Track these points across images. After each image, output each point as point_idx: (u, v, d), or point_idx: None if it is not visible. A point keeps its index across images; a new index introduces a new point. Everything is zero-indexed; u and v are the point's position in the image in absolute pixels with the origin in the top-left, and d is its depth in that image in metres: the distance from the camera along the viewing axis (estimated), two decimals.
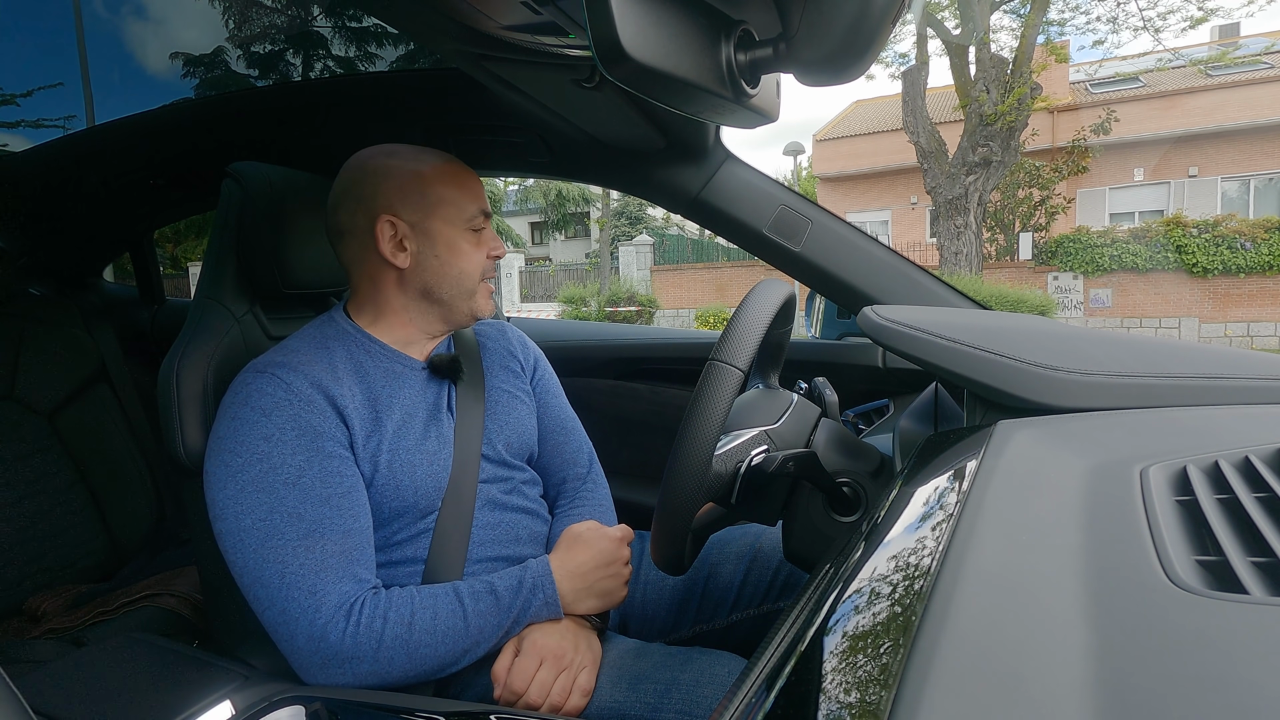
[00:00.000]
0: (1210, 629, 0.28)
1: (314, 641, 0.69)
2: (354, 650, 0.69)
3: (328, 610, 0.69)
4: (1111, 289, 10.48)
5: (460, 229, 0.84)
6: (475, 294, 0.86)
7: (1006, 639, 0.29)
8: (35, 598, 1.31)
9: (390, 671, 0.70)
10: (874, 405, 1.25)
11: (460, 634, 0.72)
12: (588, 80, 0.81)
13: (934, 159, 9.51)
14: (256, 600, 0.71)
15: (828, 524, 0.75)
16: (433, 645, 0.71)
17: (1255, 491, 0.39)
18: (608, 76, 0.46)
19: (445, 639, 0.72)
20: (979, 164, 9.20)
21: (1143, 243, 10.28)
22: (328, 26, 1.38)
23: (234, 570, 0.73)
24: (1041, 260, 10.84)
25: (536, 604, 0.77)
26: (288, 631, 0.69)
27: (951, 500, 0.46)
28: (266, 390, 0.75)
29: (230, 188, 0.92)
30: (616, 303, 12.36)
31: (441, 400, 0.87)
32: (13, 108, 1.50)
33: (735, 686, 0.37)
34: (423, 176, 0.83)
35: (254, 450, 0.73)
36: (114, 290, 1.98)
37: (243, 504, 0.71)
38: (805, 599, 0.44)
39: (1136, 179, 13.06)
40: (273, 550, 0.70)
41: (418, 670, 0.71)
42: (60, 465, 1.45)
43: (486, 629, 0.74)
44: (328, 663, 0.69)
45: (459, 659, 0.73)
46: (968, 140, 9.27)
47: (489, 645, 0.75)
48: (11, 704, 0.34)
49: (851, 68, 0.48)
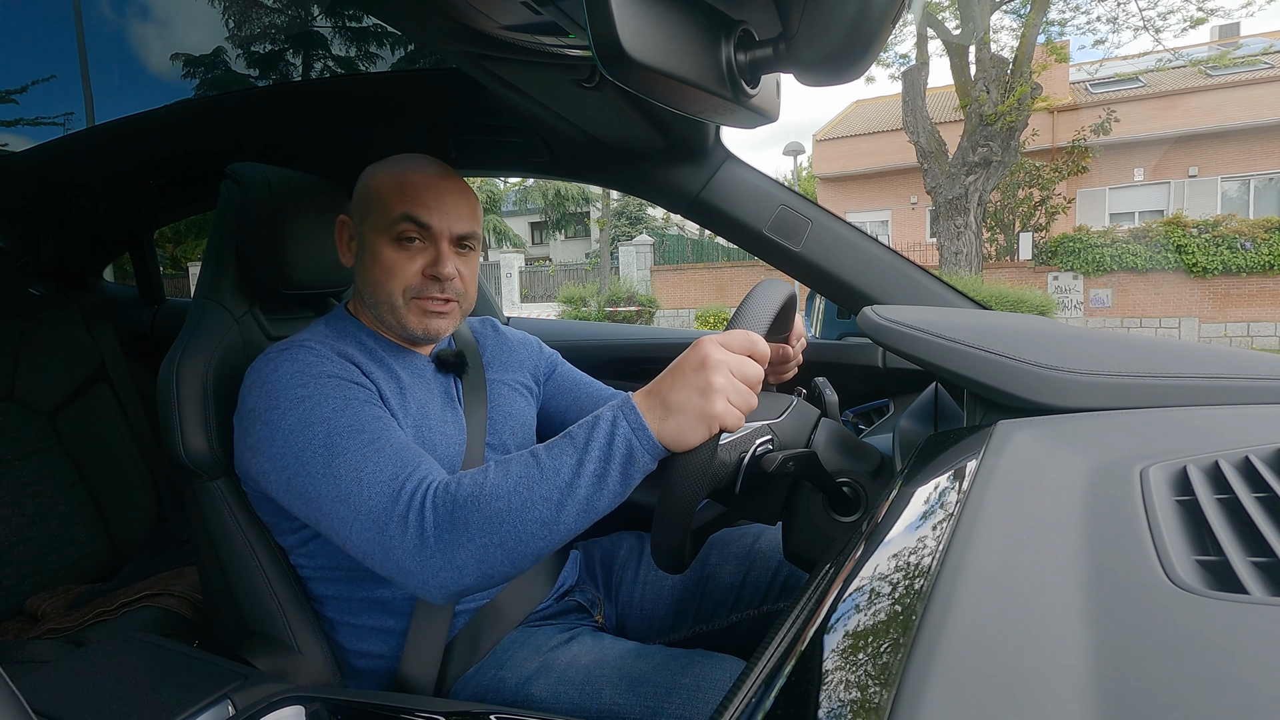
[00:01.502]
0: (1210, 629, 0.28)
1: (406, 525, 0.65)
2: (444, 520, 0.64)
3: (409, 488, 0.67)
4: (1111, 289, 10.49)
5: (383, 237, 0.81)
6: (398, 308, 0.82)
7: (1006, 639, 0.29)
8: (35, 598, 1.31)
9: (487, 540, 0.63)
10: (874, 405, 1.25)
11: (536, 478, 0.64)
12: (588, 80, 0.81)
13: (934, 159, 9.52)
14: (342, 523, 0.67)
15: (828, 524, 0.75)
16: (508, 496, 0.64)
17: (1255, 491, 0.39)
18: (608, 77, 0.46)
19: (520, 487, 0.64)
20: (979, 164, 9.22)
21: (1143, 243, 10.29)
22: (328, 27, 1.38)
23: (314, 511, 0.69)
24: (1042, 260, 10.85)
25: (620, 432, 0.64)
26: (379, 534, 0.66)
27: (951, 500, 0.46)
28: (296, 358, 0.76)
29: (229, 189, 0.92)
30: (616, 303, 12.37)
31: (450, 392, 0.90)
32: (11, 105, 1.50)
33: (735, 686, 0.37)
34: (373, 180, 0.84)
35: (292, 396, 0.73)
36: (114, 290, 1.98)
37: (297, 443, 0.70)
38: (805, 599, 0.44)
39: (1137, 179, 13.10)
40: (344, 463, 0.68)
41: (514, 531, 0.63)
42: (60, 465, 1.45)
43: (563, 469, 0.64)
44: (423, 546, 0.64)
45: (554, 514, 0.64)
46: (968, 140, 9.30)
47: (582, 491, 0.64)
48: (11, 704, 0.34)
49: (851, 68, 0.48)
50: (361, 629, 0.82)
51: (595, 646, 0.81)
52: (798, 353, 0.95)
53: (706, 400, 0.62)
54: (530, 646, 0.82)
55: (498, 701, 0.78)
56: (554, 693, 0.76)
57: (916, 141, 9.56)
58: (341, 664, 0.84)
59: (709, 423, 0.62)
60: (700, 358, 0.63)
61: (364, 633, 0.82)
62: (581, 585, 0.97)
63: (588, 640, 0.83)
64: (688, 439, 0.62)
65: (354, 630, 0.83)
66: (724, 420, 0.62)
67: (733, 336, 0.65)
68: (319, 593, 0.84)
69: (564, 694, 0.75)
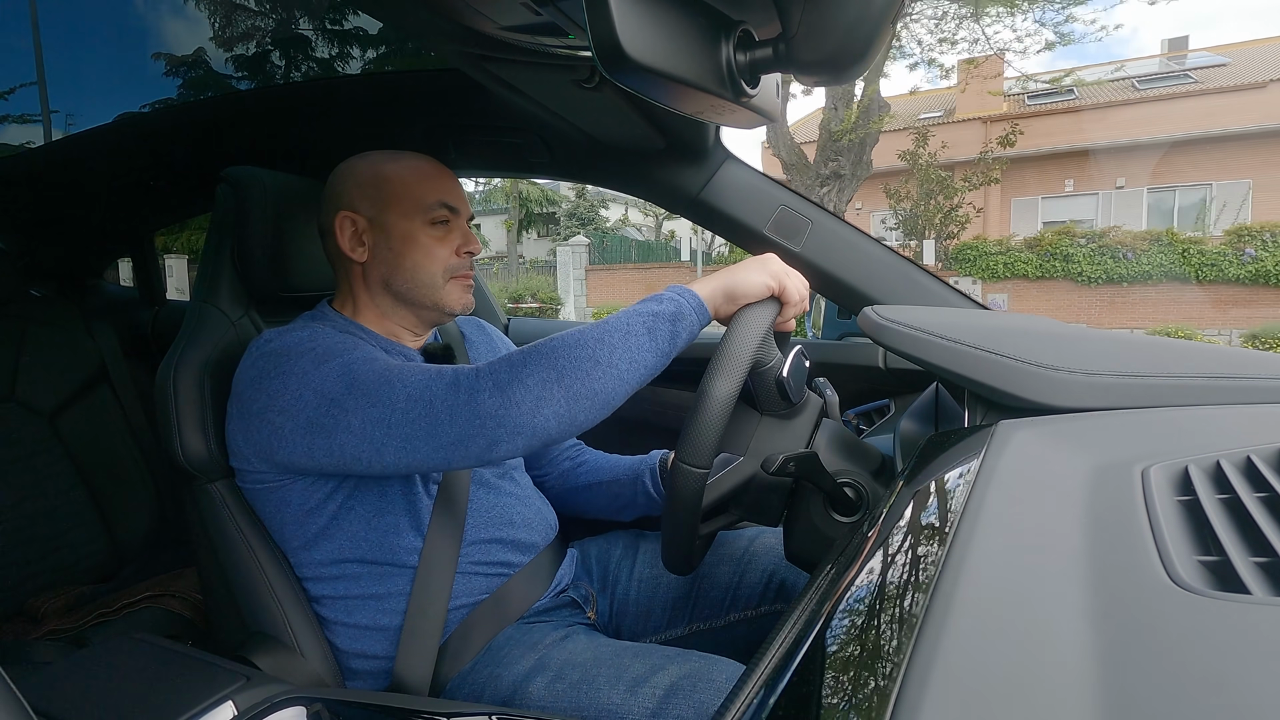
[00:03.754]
0: (1212, 629, 0.28)
1: (457, 387, 0.66)
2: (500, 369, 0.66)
3: (449, 372, 0.67)
4: (1008, 294, 11.12)
5: (417, 222, 0.85)
6: (438, 288, 0.86)
7: (1007, 639, 0.29)
8: (36, 599, 1.31)
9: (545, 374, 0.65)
10: (875, 405, 1.25)
11: (587, 330, 0.68)
12: (587, 81, 0.81)
13: (796, 171, 10.24)
14: (378, 425, 0.67)
15: (829, 525, 0.75)
16: (558, 341, 0.67)
17: (1257, 491, 0.39)
18: (607, 77, 0.46)
19: (569, 336, 0.67)
20: (830, 177, 9.99)
21: (1034, 251, 11.00)
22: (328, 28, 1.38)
23: (343, 437, 0.68)
24: (948, 266, 11.40)
25: (668, 294, 0.71)
26: (427, 407, 0.66)
27: (953, 500, 0.46)
28: (295, 333, 0.78)
29: (226, 192, 0.92)
30: (519, 299, 12.79)
31: None
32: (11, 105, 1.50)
33: (737, 687, 0.37)
34: (381, 173, 0.86)
35: (300, 351, 0.74)
36: (114, 291, 1.98)
37: (313, 381, 0.70)
38: (806, 600, 0.44)
39: (1068, 189, 13.64)
40: (366, 377, 0.69)
41: (570, 364, 0.65)
42: (61, 466, 1.45)
43: (610, 321, 0.68)
44: (475, 396, 0.65)
45: (608, 355, 0.66)
46: (820, 155, 10.06)
47: (635, 344, 0.67)
48: (12, 705, 0.34)
49: (851, 68, 0.48)
50: (357, 629, 0.83)
51: (591, 645, 0.81)
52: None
53: (766, 265, 0.75)
54: (526, 644, 0.82)
55: (495, 698, 0.78)
56: (551, 690, 0.76)
57: (779, 155, 10.19)
58: (338, 666, 0.84)
59: (771, 279, 0.74)
60: (760, 258, 0.76)
61: (359, 633, 0.83)
62: (576, 581, 0.97)
63: (583, 639, 0.83)
64: (750, 287, 0.73)
65: (349, 631, 0.83)
66: (782, 280, 0.74)
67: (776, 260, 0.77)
68: (316, 592, 0.84)
69: (561, 692, 0.75)
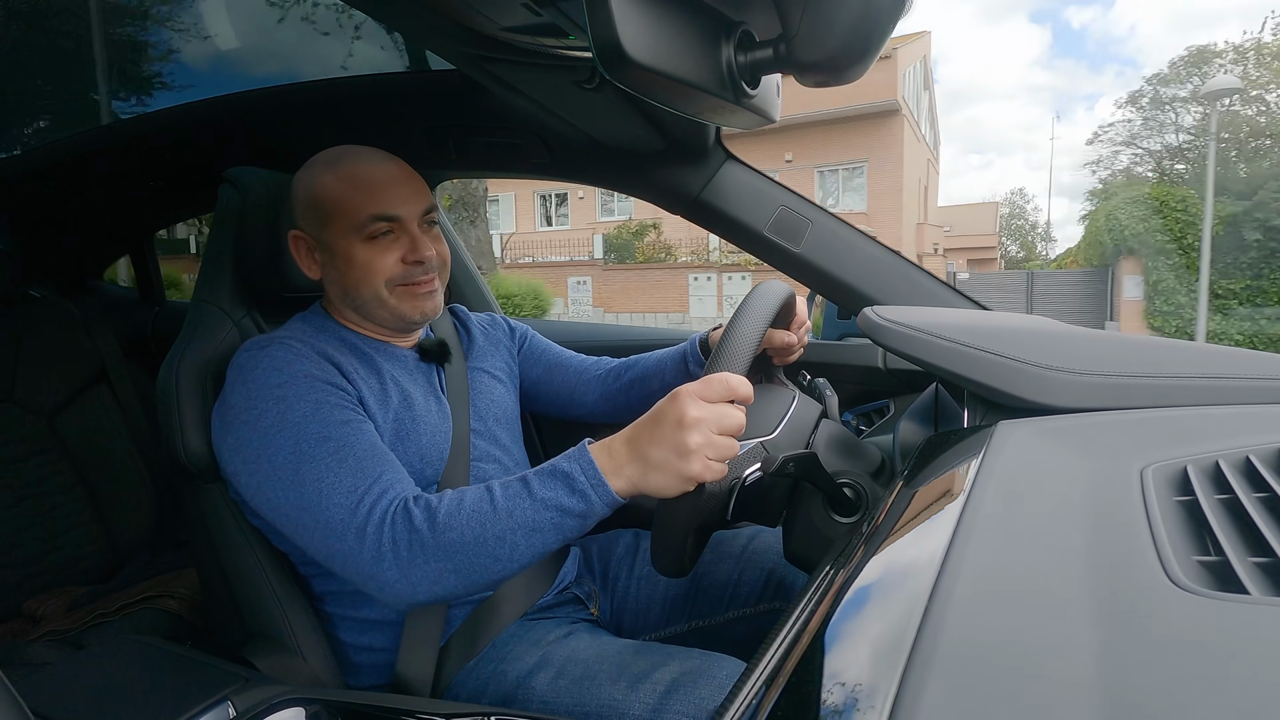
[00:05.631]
0: (1211, 629, 0.28)
1: (363, 539, 0.67)
2: (401, 539, 0.66)
3: (368, 502, 0.68)
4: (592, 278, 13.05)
5: (353, 239, 0.82)
6: (384, 302, 0.84)
7: (1007, 639, 0.29)
8: (34, 600, 1.31)
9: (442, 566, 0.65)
10: (874, 406, 1.25)
11: (490, 516, 0.66)
12: (588, 82, 0.81)
13: None
14: (306, 530, 0.70)
15: (828, 525, 0.75)
16: (461, 529, 0.65)
17: (1256, 491, 0.39)
18: (608, 78, 0.46)
19: (474, 520, 0.66)
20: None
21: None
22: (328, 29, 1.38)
23: (279, 516, 0.71)
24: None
25: (589, 499, 0.65)
26: (340, 546, 0.68)
27: (952, 501, 0.46)
28: (275, 354, 0.77)
29: (227, 193, 0.92)
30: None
31: (432, 382, 0.92)
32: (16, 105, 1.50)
33: (737, 686, 0.37)
34: (316, 190, 0.83)
35: (269, 397, 0.74)
36: (114, 292, 1.98)
37: (269, 446, 0.72)
38: (806, 599, 0.44)
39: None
40: (309, 472, 0.70)
41: (467, 561, 0.65)
42: (60, 467, 1.45)
43: (517, 511, 0.66)
44: (379, 559, 0.66)
45: (509, 552, 0.66)
46: None
47: (540, 540, 0.66)
48: (11, 707, 0.34)
49: (852, 68, 0.48)
50: (363, 622, 0.83)
51: (593, 642, 0.81)
52: (802, 338, 0.96)
53: (684, 461, 0.62)
54: (529, 640, 0.82)
55: (498, 694, 0.78)
56: (553, 686, 0.76)
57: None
58: (342, 660, 0.85)
59: (687, 483, 0.63)
60: (678, 415, 0.63)
61: (365, 626, 0.83)
62: (579, 579, 0.97)
63: (586, 636, 0.83)
64: (668, 495, 0.64)
65: (355, 624, 0.83)
66: (703, 478, 0.63)
67: (710, 385, 0.64)
68: (321, 589, 0.84)
69: (564, 688, 0.75)
